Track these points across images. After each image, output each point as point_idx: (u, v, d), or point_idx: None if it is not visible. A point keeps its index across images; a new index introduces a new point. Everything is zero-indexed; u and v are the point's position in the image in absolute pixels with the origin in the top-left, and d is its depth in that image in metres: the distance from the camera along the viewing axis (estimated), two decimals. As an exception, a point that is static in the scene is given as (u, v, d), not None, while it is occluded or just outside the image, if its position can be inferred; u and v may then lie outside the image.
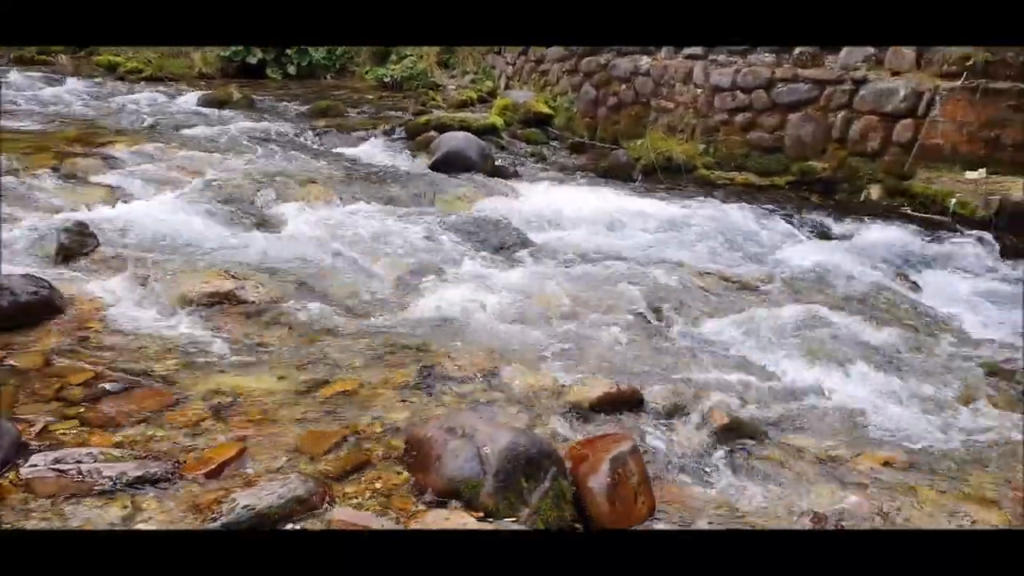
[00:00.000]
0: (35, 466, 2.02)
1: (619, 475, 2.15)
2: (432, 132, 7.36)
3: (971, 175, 5.60)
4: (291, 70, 11.88)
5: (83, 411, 2.36)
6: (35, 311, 2.97)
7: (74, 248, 3.70)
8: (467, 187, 5.81)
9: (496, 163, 6.81)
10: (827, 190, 6.33)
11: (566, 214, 5.39)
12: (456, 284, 3.92)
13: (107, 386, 2.51)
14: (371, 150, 7.14)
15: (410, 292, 3.79)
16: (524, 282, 4.02)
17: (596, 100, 8.22)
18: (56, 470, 2.01)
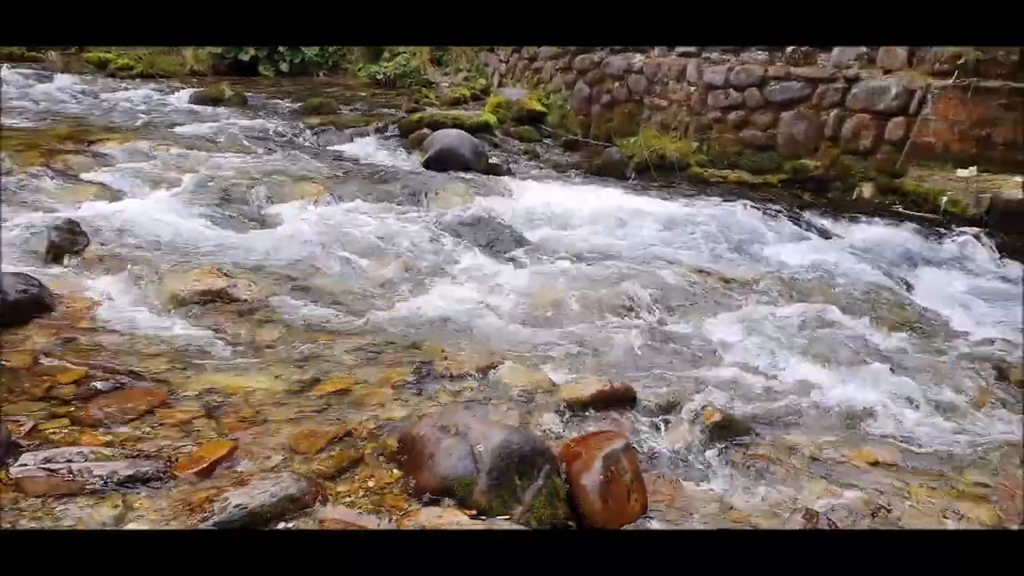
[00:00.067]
0: (25, 465, 2.00)
1: (612, 473, 2.16)
2: (425, 129, 7.34)
3: (962, 173, 5.63)
4: (283, 67, 11.84)
5: (73, 410, 2.34)
6: (25, 309, 2.95)
7: (65, 246, 3.67)
8: (460, 185, 5.80)
9: (490, 161, 6.80)
10: (820, 188, 6.35)
11: (560, 212, 5.39)
12: (449, 282, 3.92)
13: (98, 385, 2.49)
14: (364, 148, 7.13)
15: (403, 290, 3.79)
16: (517, 280, 4.02)
17: (589, 98, 8.22)
18: (46, 469, 1.99)
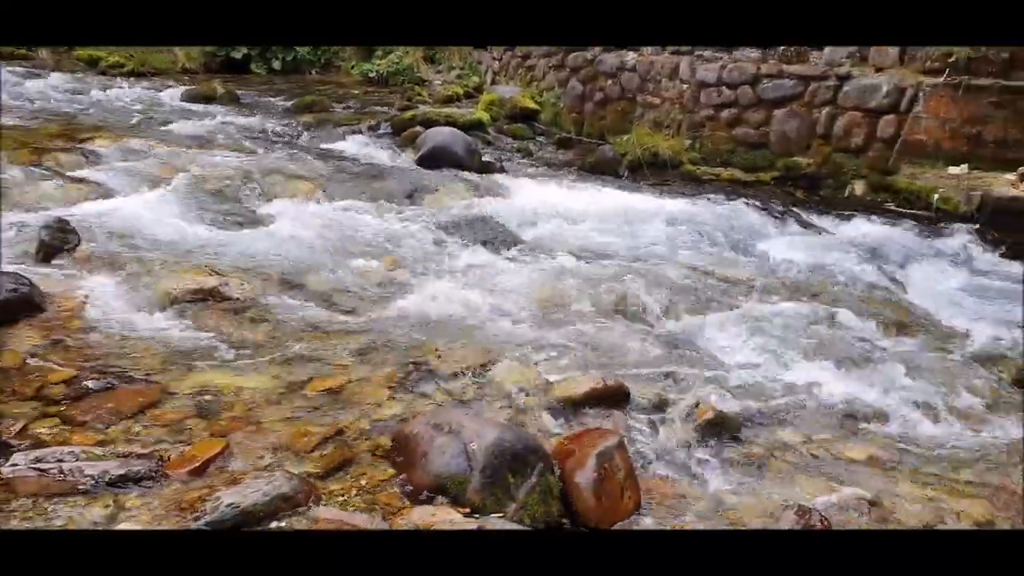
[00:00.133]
0: (16, 465, 1.99)
1: (605, 470, 2.16)
2: (418, 127, 7.33)
3: (954, 171, 5.66)
4: (276, 65, 11.80)
5: (64, 409, 2.33)
6: (14, 308, 2.93)
7: (55, 245, 3.65)
8: (453, 183, 5.79)
9: (483, 159, 6.80)
10: (812, 186, 6.38)
11: (553, 210, 5.39)
12: (442, 280, 3.91)
13: (88, 384, 2.48)
14: (357, 146, 7.11)
15: (396, 288, 3.78)
16: (511, 278, 4.02)
17: (582, 96, 8.22)
18: (37, 469, 1.98)
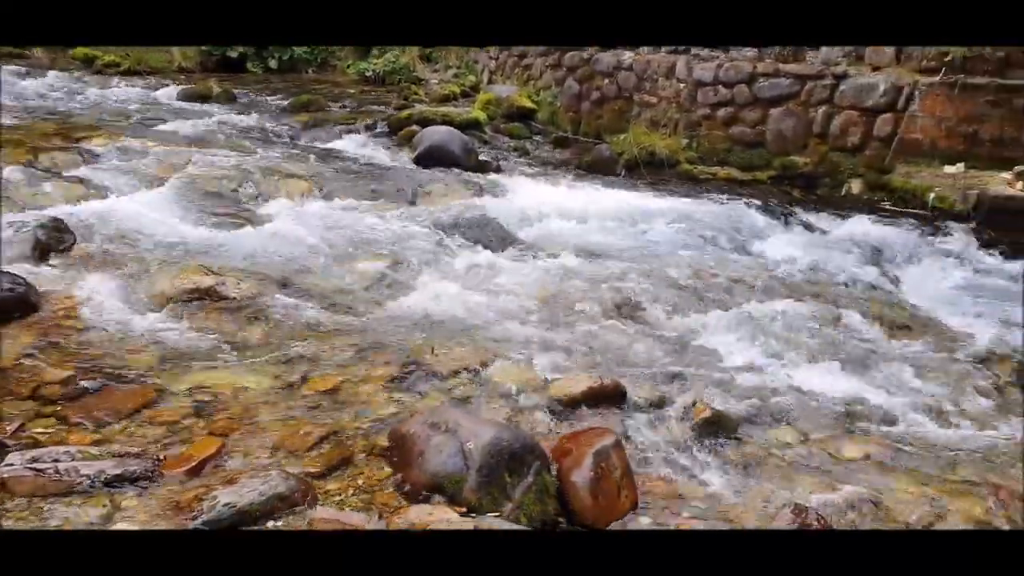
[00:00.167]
0: (11, 465, 1.99)
1: (602, 469, 2.16)
2: (415, 126, 7.32)
3: (950, 169, 5.67)
4: (272, 64, 11.77)
5: (60, 409, 2.32)
6: (10, 308, 2.92)
7: (50, 244, 3.64)
8: (450, 182, 5.79)
9: (479, 158, 6.79)
10: (809, 184, 6.38)
11: (549, 209, 5.39)
12: (439, 279, 3.90)
13: (84, 384, 2.47)
14: (353, 145, 7.09)
15: (393, 287, 3.77)
16: (507, 277, 4.02)
17: (579, 95, 8.22)
18: (33, 469, 1.98)
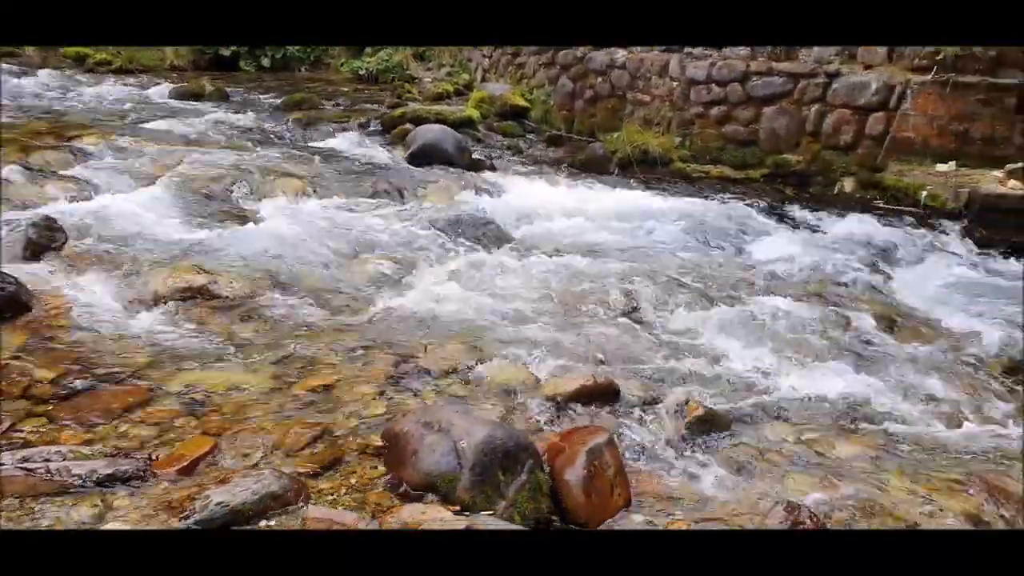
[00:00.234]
0: (2, 465, 1.98)
1: (595, 467, 2.16)
2: (408, 125, 7.31)
3: (941, 168, 5.69)
4: (265, 62, 11.75)
5: (51, 409, 2.32)
6: (1, 308, 2.91)
7: (42, 243, 3.62)
8: (444, 180, 5.79)
9: (473, 156, 6.78)
10: (801, 183, 6.40)
11: (543, 208, 5.39)
12: (432, 278, 3.90)
13: (76, 383, 2.46)
14: (346, 143, 7.08)
15: (386, 286, 3.77)
16: (501, 276, 4.02)
17: (573, 93, 8.22)
18: (24, 469, 1.97)
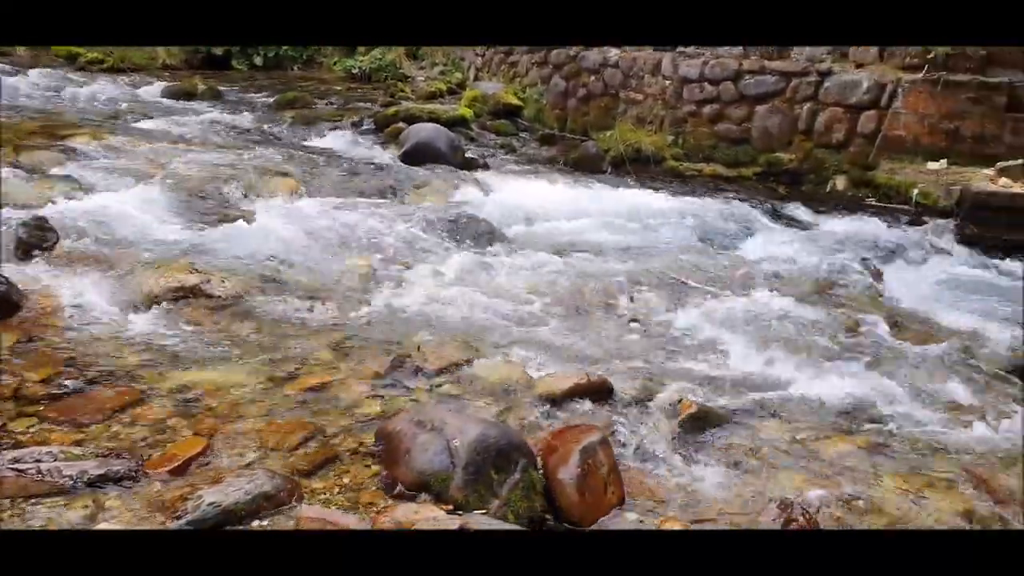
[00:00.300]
0: (-7, 466, 1.97)
1: (589, 466, 2.16)
2: (401, 123, 7.31)
3: (933, 166, 5.72)
4: (257, 61, 11.72)
5: (42, 409, 2.30)
6: (-8, 307, 2.90)
7: (33, 243, 3.60)
8: (437, 179, 5.78)
9: (466, 155, 6.78)
10: (794, 181, 6.42)
11: (536, 206, 5.39)
12: (426, 277, 3.90)
13: (67, 383, 2.45)
14: (339, 142, 7.07)
15: (379, 285, 3.76)
16: (494, 274, 4.02)
17: (566, 92, 8.23)
18: (15, 469, 1.96)
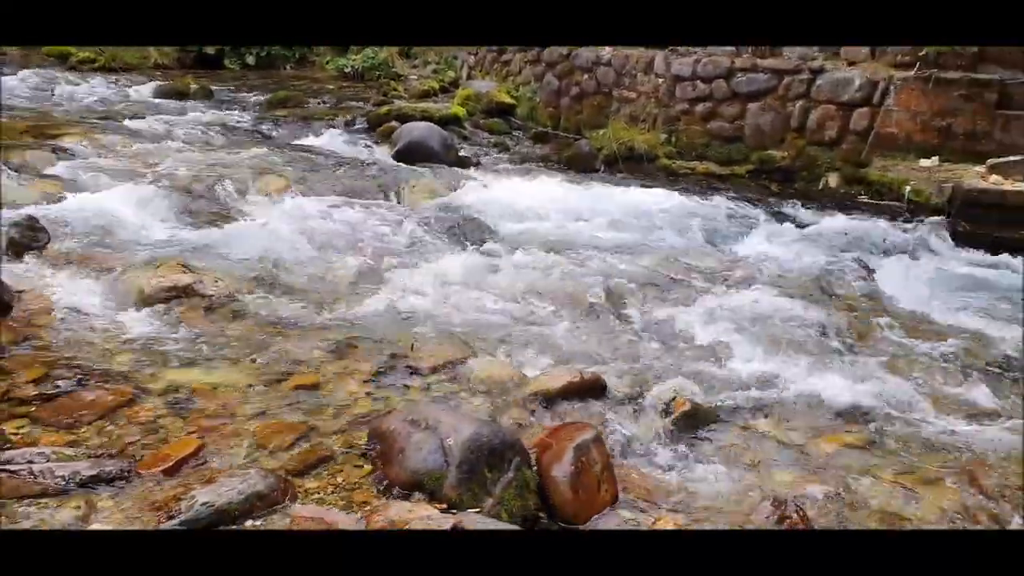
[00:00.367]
0: (-16, 467, 1.96)
1: (582, 464, 2.17)
2: (394, 122, 7.30)
3: (924, 163, 5.74)
4: (250, 60, 11.68)
5: (34, 410, 2.29)
6: (-17, 308, 2.88)
7: (24, 243, 3.59)
8: (430, 178, 5.77)
9: (459, 153, 6.78)
10: (786, 178, 6.43)
11: (529, 205, 5.38)
12: (419, 276, 3.89)
13: (59, 384, 2.44)
14: (332, 141, 7.06)
15: (372, 284, 3.76)
16: (488, 273, 4.02)
17: (559, 90, 8.22)
18: (6, 471, 1.95)
